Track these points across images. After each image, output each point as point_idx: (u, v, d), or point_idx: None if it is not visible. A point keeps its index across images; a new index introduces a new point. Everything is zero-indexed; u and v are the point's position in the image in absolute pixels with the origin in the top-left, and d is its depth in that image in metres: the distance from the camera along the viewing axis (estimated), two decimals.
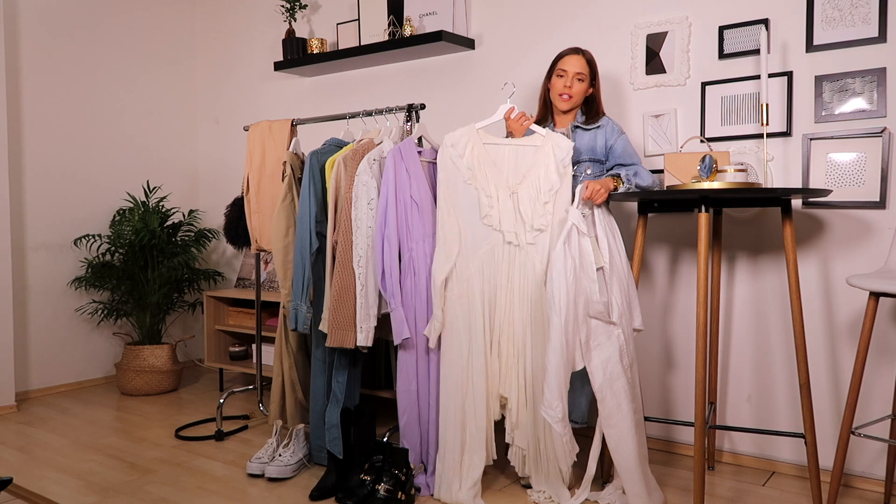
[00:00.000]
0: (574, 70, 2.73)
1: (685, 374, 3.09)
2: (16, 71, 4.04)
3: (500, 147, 2.62)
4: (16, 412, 3.79)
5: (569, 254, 2.40)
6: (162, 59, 4.75)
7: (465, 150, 2.59)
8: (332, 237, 2.75)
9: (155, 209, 4.25)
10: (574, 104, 2.78)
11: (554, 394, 2.36)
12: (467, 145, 2.59)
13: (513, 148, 2.62)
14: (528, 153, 2.62)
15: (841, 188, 2.69)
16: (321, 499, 2.62)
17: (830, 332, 2.77)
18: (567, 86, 2.74)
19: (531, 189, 2.57)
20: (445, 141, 2.62)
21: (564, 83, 2.74)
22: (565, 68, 2.74)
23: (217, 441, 3.30)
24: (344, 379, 2.83)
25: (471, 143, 2.59)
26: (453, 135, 2.62)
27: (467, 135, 2.61)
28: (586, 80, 2.75)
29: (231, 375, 4.60)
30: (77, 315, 4.31)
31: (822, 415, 2.78)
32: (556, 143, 2.61)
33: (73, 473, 2.90)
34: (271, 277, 4.36)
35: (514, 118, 2.68)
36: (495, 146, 2.62)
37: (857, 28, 2.66)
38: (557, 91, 2.76)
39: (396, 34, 3.69)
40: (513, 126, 2.69)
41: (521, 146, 2.62)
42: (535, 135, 2.65)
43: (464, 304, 2.57)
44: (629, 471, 2.39)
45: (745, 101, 2.89)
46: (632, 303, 2.55)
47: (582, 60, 2.74)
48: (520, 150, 2.62)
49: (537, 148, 2.61)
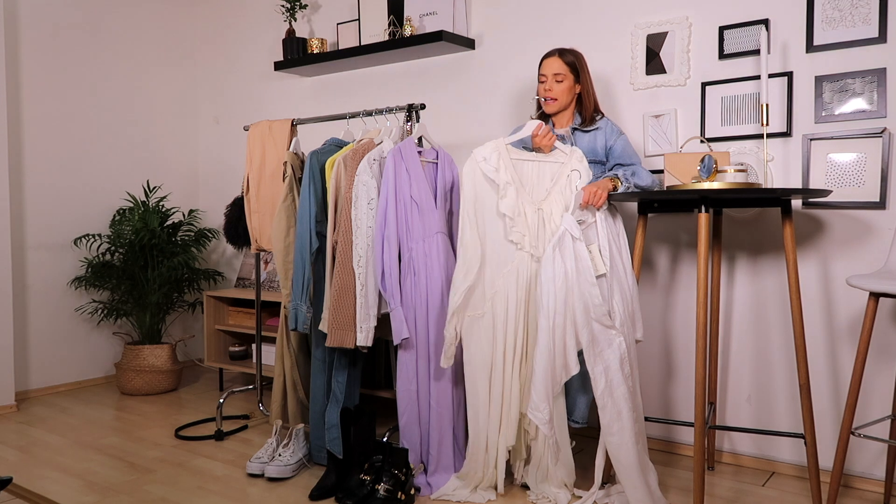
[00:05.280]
0: (551, 72, 2.74)
1: (685, 375, 3.09)
2: (16, 71, 4.04)
3: (527, 163, 2.60)
4: (16, 412, 3.79)
5: (559, 259, 2.40)
6: (162, 58, 4.75)
7: (498, 164, 2.54)
8: (332, 237, 2.75)
9: (155, 209, 4.25)
10: (561, 105, 2.77)
11: (541, 395, 2.37)
12: (500, 160, 2.55)
13: (537, 163, 2.60)
14: (553, 169, 2.61)
15: (841, 188, 2.69)
16: (321, 499, 2.62)
17: (830, 332, 2.77)
18: (547, 89, 2.75)
19: (559, 205, 2.56)
20: (476, 155, 2.55)
21: (545, 87, 2.76)
22: (544, 73, 2.76)
23: (217, 441, 3.30)
24: (344, 379, 2.83)
25: (503, 159, 2.55)
26: (483, 151, 2.55)
27: (497, 150, 2.56)
28: (566, 79, 2.75)
29: (231, 375, 4.60)
30: (77, 315, 4.31)
31: (822, 415, 2.78)
32: (579, 160, 2.61)
33: (72, 473, 2.90)
34: (271, 277, 4.36)
35: (541, 134, 2.64)
36: (520, 161, 2.59)
37: (857, 28, 2.66)
38: (541, 96, 2.78)
39: (396, 34, 3.69)
40: (541, 142, 2.62)
41: (545, 162, 2.61)
42: (558, 151, 2.64)
43: (488, 322, 2.53)
44: (631, 478, 2.38)
45: (745, 101, 2.89)
46: (635, 313, 2.55)
47: (558, 61, 2.74)
48: (543, 165, 2.60)
49: (561, 164, 2.61)
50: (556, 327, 2.39)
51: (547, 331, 2.37)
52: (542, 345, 2.38)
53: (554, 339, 2.39)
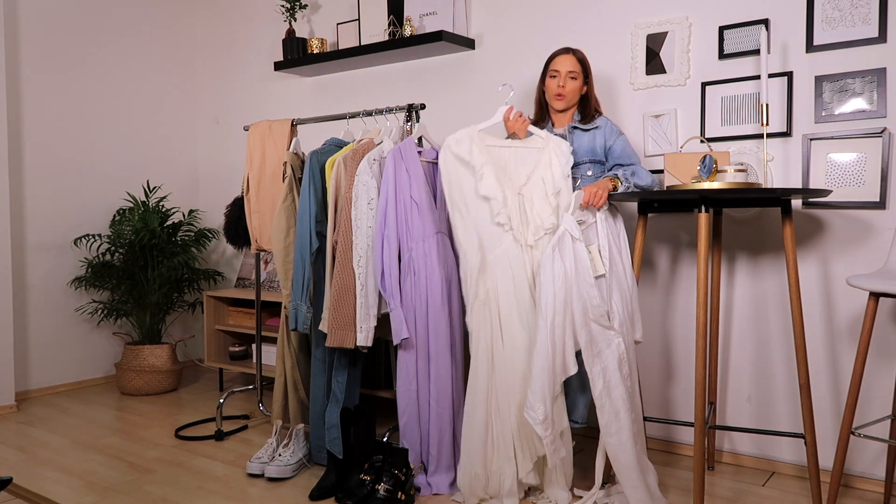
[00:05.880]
0: (566, 69, 2.74)
1: (685, 375, 3.09)
2: (16, 71, 4.04)
3: (502, 149, 2.61)
4: (16, 412, 3.79)
5: (559, 259, 2.40)
6: (162, 58, 4.75)
7: (471, 149, 2.56)
8: (332, 237, 2.75)
9: (155, 209, 4.25)
10: (569, 103, 2.78)
11: (537, 396, 2.37)
12: (472, 146, 2.57)
13: (514, 150, 2.62)
14: (531, 154, 2.61)
15: (841, 188, 2.69)
16: (321, 499, 2.62)
17: (830, 332, 2.77)
18: (560, 85, 2.75)
19: (539, 189, 2.57)
20: (448, 142, 2.59)
21: (557, 83, 2.75)
22: (557, 68, 2.76)
23: (217, 441, 3.30)
24: (344, 379, 2.83)
25: (475, 145, 2.58)
26: (455, 136, 2.59)
27: (469, 136, 2.59)
28: (579, 78, 2.76)
29: (231, 375, 4.60)
30: (77, 315, 4.31)
31: (822, 415, 2.78)
32: (557, 145, 2.62)
33: (73, 473, 2.90)
34: (271, 277, 4.36)
35: (513, 118, 2.66)
36: (497, 148, 2.61)
37: (857, 28, 2.66)
38: (552, 92, 2.77)
39: (396, 34, 3.69)
40: (514, 126, 2.65)
41: (522, 147, 2.62)
42: (535, 137, 2.65)
43: (486, 310, 2.53)
44: (630, 478, 2.38)
45: (745, 101, 2.89)
46: (634, 314, 2.55)
47: (573, 59, 2.75)
48: (520, 151, 2.62)
49: (539, 150, 2.62)
50: (555, 327, 2.39)
51: (545, 331, 2.37)
52: (539, 346, 2.38)
53: (553, 339, 2.38)
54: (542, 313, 2.39)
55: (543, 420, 2.38)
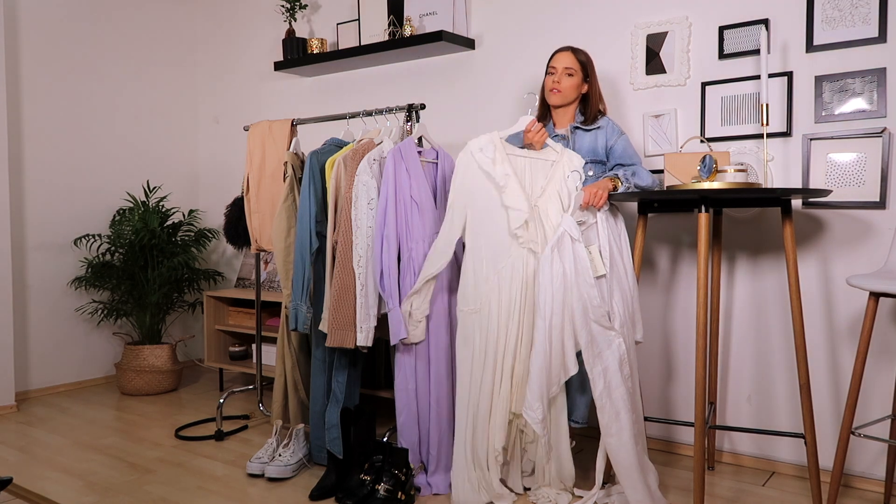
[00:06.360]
0: (562, 66, 2.75)
1: (685, 375, 3.09)
2: (16, 71, 4.04)
3: (518, 158, 2.59)
4: (16, 412, 3.79)
5: (558, 260, 2.40)
6: (162, 59, 4.75)
7: (495, 156, 2.52)
8: (332, 237, 2.75)
9: (155, 209, 4.25)
10: (564, 99, 2.78)
11: (535, 395, 2.37)
12: (496, 152, 2.53)
13: (529, 160, 2.60)
14: (544, 167, 2.60)
15: (841, 188, 2.69)
16: (321, 499, 2.62)
17: (830, 332, 2.77)
18: (556, 81, 2.75)
19: (555, 203, 2.56)
20: (471, 147, 2.53)
21: (553, 79, 2.76)
22: (555, 65, 2.77)
23: (217, 441, 3.30)
24: (344, 379, 2.83)
25: (498, 152, 2.53)
26: (479, 142, 2.53)
27: (493, 143, 2.54)
28: (576, 75, 2.76)
29: (231, 375, 4.60)
30: (77, 315, 4.31)
31: (822, 415, 2.78)
32: (570, 160, 2.61)
33: (73, 473, 2.90)
34: (271, 277, 4.36)
35: (535, 130, 2.64)
36: (514, 157, 2.58)
37: (857, 28, 2.66)
38: (548, 87, 2.78)
39: (396, 34, 3.69)
40: (534, 138, 2.61)
41: (538, 159, 2.61)
42: (549, 149, 2.64)
43: (482, 320, 2.51)
44: (630, 478, 2.38)
45: (745, 101, 2.89)
46: (634, 314, 2.55)
47: (571, 56, 2.76)
48: (535, 163, 2.60)
49: (553, 163, 2.61)
50: (554, 328, 2.39)
51: (543, 331, 2.37)
52: (537, 346, 2.38)
53: (551, 339, 2.38)
54: (540, 313, 2.39)
55: (542, 419, 2.38)
